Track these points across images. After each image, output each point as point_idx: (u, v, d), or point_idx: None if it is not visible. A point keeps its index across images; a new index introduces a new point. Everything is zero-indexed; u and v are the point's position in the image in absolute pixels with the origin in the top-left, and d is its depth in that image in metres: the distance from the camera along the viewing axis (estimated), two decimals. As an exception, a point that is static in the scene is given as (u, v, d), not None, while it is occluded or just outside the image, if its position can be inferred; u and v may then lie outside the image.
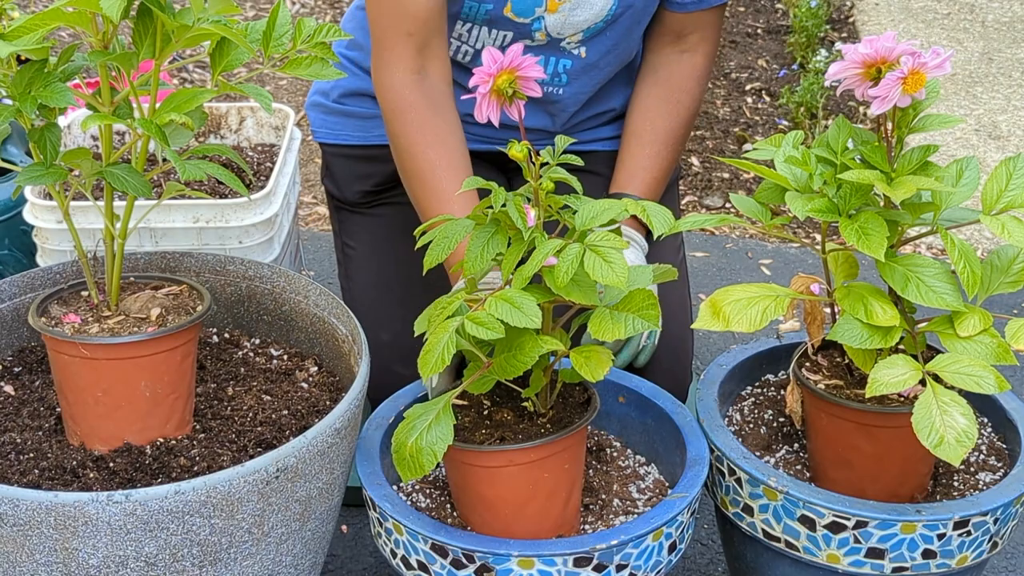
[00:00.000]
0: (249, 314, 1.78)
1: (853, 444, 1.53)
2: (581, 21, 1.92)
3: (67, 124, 2.19)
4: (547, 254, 1.37)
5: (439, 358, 1.36)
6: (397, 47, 1.82)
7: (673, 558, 1.51)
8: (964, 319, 1.44)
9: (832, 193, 1.44)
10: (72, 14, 1.34)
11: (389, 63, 1.83)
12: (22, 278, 1.70)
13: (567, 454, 1.48)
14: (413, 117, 1.82)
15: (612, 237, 1.39)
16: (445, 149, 1.82)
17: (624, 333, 1.40)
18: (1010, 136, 3.55)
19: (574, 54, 1.97)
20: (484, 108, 1.40)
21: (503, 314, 1.35)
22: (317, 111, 2.16)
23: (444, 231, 1.45)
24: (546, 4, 1.88)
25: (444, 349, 1.36)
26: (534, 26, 1.92)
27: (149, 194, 1.43)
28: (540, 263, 1.38)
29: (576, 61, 1.98)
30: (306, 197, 3.21)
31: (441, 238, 1.45)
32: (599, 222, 1.41)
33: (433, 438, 1.40)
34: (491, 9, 1.88)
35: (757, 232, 2.89)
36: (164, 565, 1.36)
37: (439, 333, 1.38)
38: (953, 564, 1.52)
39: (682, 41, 1.99)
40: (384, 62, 1.84)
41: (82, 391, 1.48)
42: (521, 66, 1.39)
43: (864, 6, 4.52)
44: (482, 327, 1.35)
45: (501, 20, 1.90)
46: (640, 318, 1.41)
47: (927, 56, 1.38)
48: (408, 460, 1.40)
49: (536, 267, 1.38)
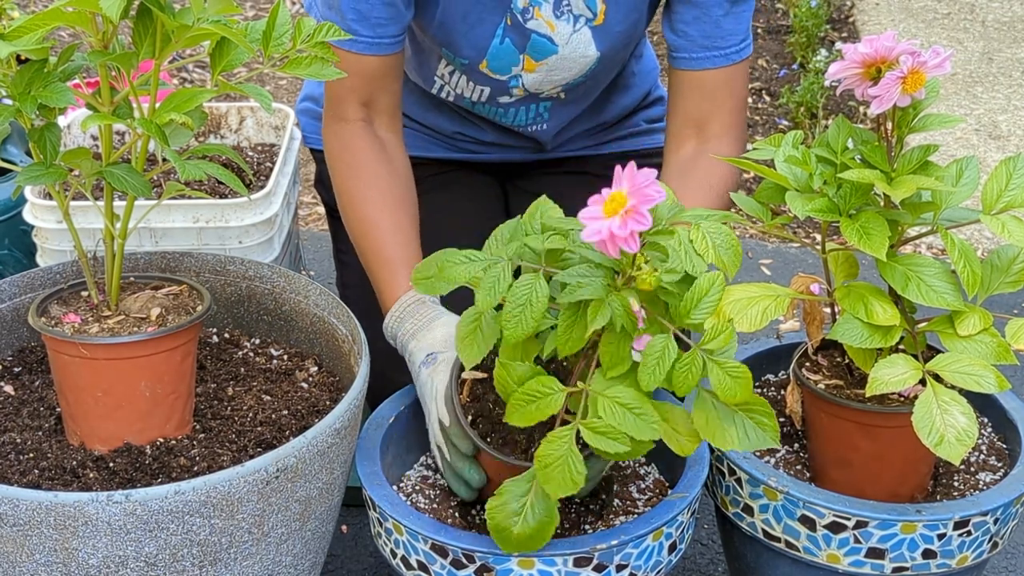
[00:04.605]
0: (249, 314, 1.78)
1: (853, 444, 1.53)
2: (560, 79, 1.89)
3: (67, 124, 2.19)
4: (665, 358, 1.28)
5: (569, 479, 1.30)
6: (343, 99, 1.80)
7: (673, 558, 1.51)
8: (964, 318, 1.44)
9: (832, 193, 1.44)
10: (72, 14, 1.34)
11: (335, 113, 1.82)
12: (22, 278, 1.70)
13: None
14: (355, 164, 1.80)
15: (728, 336, 1.31)
16: (388, 206, 1.78)
17: (740, 444, 1.33)
18: (1010, 136, 3.55)
19: (553, 96, 1.95)
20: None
21: (626, 425, 1.28)
22: (308, 116, 2.16)
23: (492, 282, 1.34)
24: (523, 64, 1.85)
25: (571, 468, 1.30)
26: (511, 83, 1.89)
27: (149, 194, 1.43)
28: (661, 370, 1.28)
29: (556, 101, 1.96)
30: (306, 197, 3.21)
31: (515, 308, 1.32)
32: (703, 313, 1.32)
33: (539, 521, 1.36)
34: (467, 64, 1.86)
35: (757, 232, 2.89)
36: (164, 565, 1.36)
37: (555, 447, 1.31)
38: (953, 564, 1.52)
39: (703, 131, 1.83)
40: (330, 115, 1.83)
41: (82, 391, 1.48)
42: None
43: (864, 6, 4.52)
44: (603, 438, 1.28)
45: (477, 74, 1.88)
46: (756, 425, 1.34)
47: (927, 56, 1.38)
48: (515, 543, 1.37)
49: (659, 378, 1.28)
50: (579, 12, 1.81)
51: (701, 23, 1.77)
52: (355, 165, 1.80)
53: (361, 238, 1.79)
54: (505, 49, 1.83)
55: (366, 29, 1.74)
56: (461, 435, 1.50)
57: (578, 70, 1.87)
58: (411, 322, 1.66)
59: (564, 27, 1.81)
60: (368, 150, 1.80)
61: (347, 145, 1.81)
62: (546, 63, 1.85)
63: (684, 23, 1.78)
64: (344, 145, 1.81)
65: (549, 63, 1.85)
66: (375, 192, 1.78)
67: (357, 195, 1.79)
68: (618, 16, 1.82)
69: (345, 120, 1.81)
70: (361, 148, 1.80)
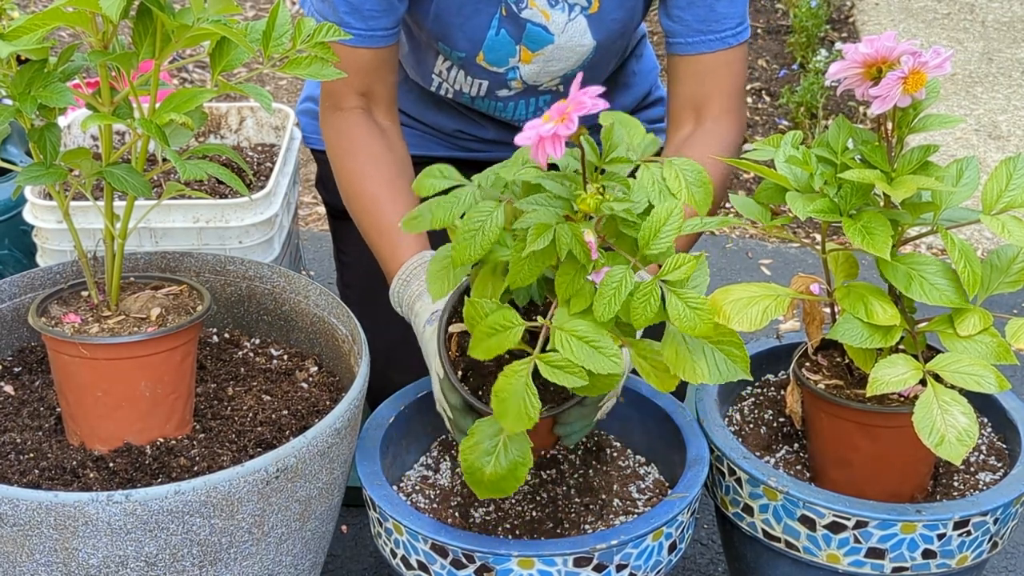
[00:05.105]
0: (249, 314, 1.78)
1: (853, 444, 1.53)
2: (557, 70, 1.89)
3: (67, 124, 2.19)
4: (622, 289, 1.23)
5: (525, 413, 1.26)
6: (339, 91, 1.80)
7: (673, 558, 1.51)
8: (964, 318, 1.44)
9: (833, 193, 1.44)
10: (72, 14, 1.34)
11: (332, 103, 1.82)
12: (22, 278, 1.70)
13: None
14: (352, 147, 1.80)
15: (690, 268, 1.25)
16: (386, 180, 1.78)
17: (710, 377, 1.29)
18: (1010, 136, 3.55)
19: (552, 90, 1.95)
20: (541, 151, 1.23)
21: (582, 358, 1.23)
22: (309, 117, 2.16)
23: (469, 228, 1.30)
24: (520, 55, 1.86)
25: (526, 403, 1.25)
26: (509, 75, 1.90)
27: (149, 194, 1.43)
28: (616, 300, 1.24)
29: (555, 95, 1.96)
30: (306, 197, 3.22)
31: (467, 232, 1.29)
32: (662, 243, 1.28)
33: (511, 461, 1.32)
34: (464, 57, 1.86)
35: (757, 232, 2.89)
36: (164, 565, 1.36)
37: (511, 381, 1.27)
38: (953, 564, 1.52)
39: (701, 114, 1.83)
40: (327, 107, 1.83)
41: (82, 391, 1.48)
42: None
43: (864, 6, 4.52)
44: (560, 372, 1.24)
45: (474, 67, 1.88)
46: (727, 357, 1.29)
47: (927, 56, 1.38)
48: (487, 485, 1.33)
49: (614, 309, 1.24)
50: (574, 1, 1.81)
51: (695, 7, 1.79)
52: (353, 147, 1.81)
53: (361, 213, 1.79)
54: (501, 40, 1.84)
55: (358, 22, 1.74)
56: (450, 388, 1.49)
57: (575, 60, 1.87)
58: (417, 283, 1.65)
59: (559, 16, 1.82)
60: (367, 134, 1.80)
61: (344, 131, 1.81)
62: (543, 53, 1.85)
63: (679, 8, 1.80)
64: (341, 131, 1.82)
65: (546, 53, 1.85)
66: (372, 168, 1.78)
67: (356, 172, 1.80)
68: (613, 4, 1.83)
69: (342, 109, 1.81)
70: (359, 132, 1.80)
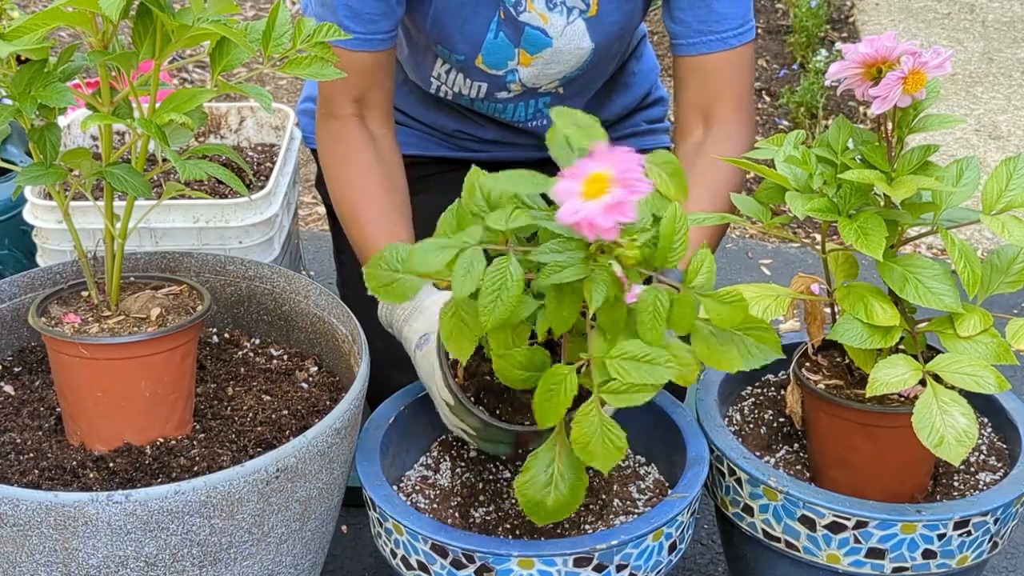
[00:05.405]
0: (249, 314, 1.78)
1: (853, 444, 1.53)
2: (556, 73, 1.89)
3: (67, 124, 2.19)
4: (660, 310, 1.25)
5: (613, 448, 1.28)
6: (335, 96, 1.80)
7: (673, 558, 1.51)
8: (964, 319, 1.44)
9: (832, 193, 1.44)
10: (72, 14, 1.34)
11: (326, 110, 1.82)
12: (22, 278, 1.70)
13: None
14: (344, 157, 1.80)
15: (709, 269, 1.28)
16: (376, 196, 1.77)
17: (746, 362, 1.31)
18: (1010, 136, 3.55)
19: (552, 91, 1.95)
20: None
21: (643, 377, 1.25)
22: (308, 117, 2.16)
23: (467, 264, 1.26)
24: (518, 58, 1.86)
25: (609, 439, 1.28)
26: (508, 78, 1.90)
27: (149, 194, 1.43)
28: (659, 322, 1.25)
29: (555, 96, 1.96)
30: (306, 197, 3.21)
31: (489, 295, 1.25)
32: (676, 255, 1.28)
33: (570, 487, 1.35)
34: (463, 60, 1.87)
35: (757, 232, 2.89)
36: (164, 565, 1.36)
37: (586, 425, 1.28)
38: (953, 564, 1.52)
39: (709, 118, 1.82)
40: (322, 113, 1.83)
41: (82, 391, 1.48)
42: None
43: (864, 6, 4.52)
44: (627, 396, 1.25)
45: (474, 70, 1.88)
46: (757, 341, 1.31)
47: (927, 56, 1.38)
48: (550, 513, 1.36)
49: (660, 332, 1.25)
50: (572, 4, 1.81)
51: (695, 8, 1.79)
52: (345, 158, 1.81)
53: (351, 227, 1.80)
54: (499, 43, 1.84)
55: (357, 25, 1.75)
56: (467, 413, 1.50)
57: (574, 63, 1.87)
58: (401, 308, 1.65)
59: (557, 19, 1.82)
60: (359, 143, 1.81)
61: (337, 139, 1.82)
62: (541, 56, 1.86)
63: (680, 10, 1.81)
64: (334, 139, 1.82)
65: (544, 56, 1.86)
66: (363, 182, 1.79)
67: (347, 185, 1.80)
68: (611, 6, 1.83)
69: (336, 117, 1.82)
70: (351, 142, 1.81)
